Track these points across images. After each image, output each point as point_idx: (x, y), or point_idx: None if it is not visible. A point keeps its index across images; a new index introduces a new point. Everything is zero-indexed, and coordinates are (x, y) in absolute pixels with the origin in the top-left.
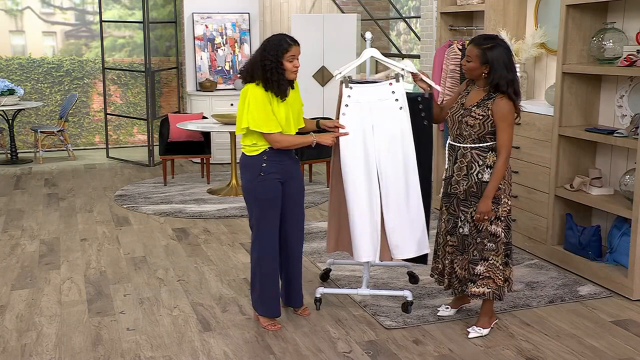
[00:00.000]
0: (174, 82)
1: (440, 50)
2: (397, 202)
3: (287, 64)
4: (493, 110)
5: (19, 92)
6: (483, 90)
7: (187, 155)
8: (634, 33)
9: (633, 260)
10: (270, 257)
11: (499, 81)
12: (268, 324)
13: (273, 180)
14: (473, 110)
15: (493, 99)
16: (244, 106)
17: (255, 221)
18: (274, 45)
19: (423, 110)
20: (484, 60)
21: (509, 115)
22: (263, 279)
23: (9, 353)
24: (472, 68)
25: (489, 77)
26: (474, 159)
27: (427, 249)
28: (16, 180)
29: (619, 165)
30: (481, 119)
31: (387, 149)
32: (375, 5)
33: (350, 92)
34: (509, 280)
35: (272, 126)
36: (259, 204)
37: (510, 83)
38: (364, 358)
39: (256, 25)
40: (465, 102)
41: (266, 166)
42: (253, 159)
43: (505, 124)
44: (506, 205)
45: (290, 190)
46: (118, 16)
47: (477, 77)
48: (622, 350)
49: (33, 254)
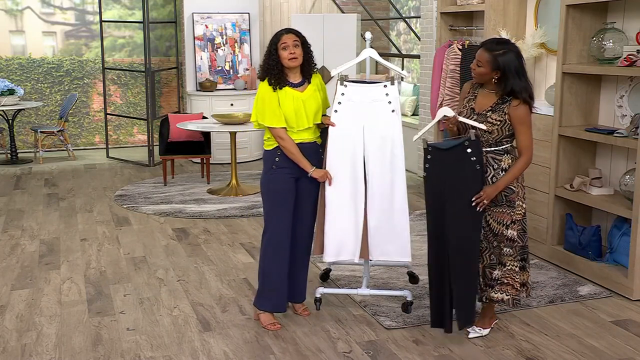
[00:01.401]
0: (174, 82)
1: (440, 50)
2: (381, 204)
3: (281, 52)
4: (511, 115)
5: (19, 92)
6: (495, 94)
7: (187, 155)
8: (634, 33)
9: (633, 260)
10: (277, 251)
11: (513, 87)
12: (268, 323)
13: (284, 175)
14: (489, 116)
15: (508, 102)
16: (255, 101)
17: (265, 214)
18: (272, 38)
19: (473, 154)
20: (495, 66)
21: (527, 118)
22: (268, 273)
23: (9, 353)
24: (483, 73)
25: (501, 83)
26: (489, 162)
27: (408, 257)
28: (16, 180)
29: (619, 165)
30: (499, 124)
31: (376, 150)
32: (375, 5)
33: (344, 89)
34: (526, 285)
35: (274, 120)
36: (269, 197)
37: (524, 89)
38: (364, 358)
39: (256, 25)
40: (475, 107)
41: (279, 160)
42: (268, 152)
43: (524, 127)
44: (521, 208)
45: (305, 187)
46: (118, 16)
47: (487, 81)
48: (622, 350)
49: (33, 254)
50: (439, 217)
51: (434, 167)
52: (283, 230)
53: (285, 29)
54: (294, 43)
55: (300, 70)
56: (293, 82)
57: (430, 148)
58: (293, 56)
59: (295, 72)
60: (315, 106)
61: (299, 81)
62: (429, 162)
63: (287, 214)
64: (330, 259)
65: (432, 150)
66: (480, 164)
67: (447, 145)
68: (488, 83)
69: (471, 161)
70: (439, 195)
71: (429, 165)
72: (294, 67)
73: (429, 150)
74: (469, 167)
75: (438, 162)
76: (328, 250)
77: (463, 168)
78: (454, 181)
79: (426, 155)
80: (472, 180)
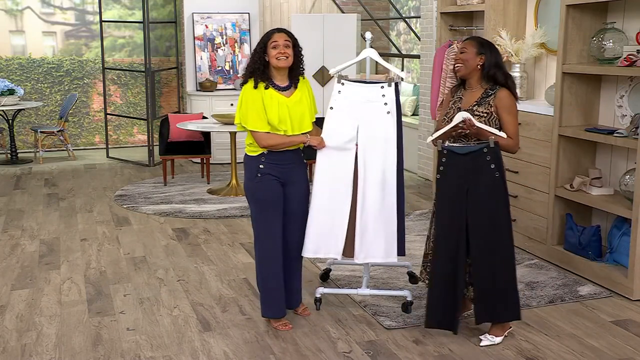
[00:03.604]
0: (174, 82)
1: (440, 50)
2: (372, 205)
3: (270, 50)
4: (497, 105)
5: (19, 92)
6: (479, 89)
7: (187, 155)
8: (634, 33)
9: (633, 260)
10: (269, 258)
11: (495, 71)
12: (278, 324)
13: (270, 182)
14: (475, 109)
15: (493, 94)
16: (238, 104)
17: (252, 222)
18: (263, 37)
19: (492, 161)
20: (480, 51)
21: (513, 106)
22: (264, 280)
23: (9, 353)
24: (467, 58)
25: (483, 69)
26: None
27: (394, 257)
28: (16, 180)
29: (619, 165)
30: (486, 116)
31: (369, 150)
32: (375, 5)
33: (341, 88)
34: None
35: (257, 124)
36: (255, 205)
37: (507, 75)
38: (364, 358)
39: (256, 25)
40: (462, 106)
41: (263, 168)
42: (251, 159)
43: (511, 116)
44: None
45: (291, 195)
46: (118, 16)
47: (472, 70)
48: (622, 350)
49: (33, 254)
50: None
51: (449, 171)
52: (274, 237)
53: (277, 28)
54: (285, 43)
55: (287, 73)
56: (279, 85)
57: (445, 151)
58: (283, 55)
59: (282, 74)
60: (301, 113)
61: (285, 85)
62: (444, 165)
63: (276, 221)
64: (308, 255)
65: (448, 153)
66: (500, 171)
67: (465, 150)
68: (473, 75)
69: (490, 169)
70: (454, 202)
71: (443, 167)
72: (282, 67)
73: (444, 152)
74: (487, 174)
75: (454, 166)
76: (307, 245)
77: (481, 175)
78: (474, 190)
79: (441, 158)
80: (492, 188)
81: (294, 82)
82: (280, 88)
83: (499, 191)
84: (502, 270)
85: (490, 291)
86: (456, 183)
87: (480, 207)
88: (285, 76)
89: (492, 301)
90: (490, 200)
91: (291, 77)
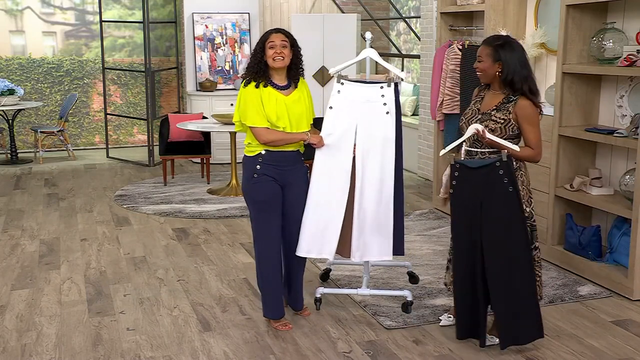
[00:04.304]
0: (174, 82)
1: (440, 50)
2: (370, 204)
3: (268, 50)
4: (517, 113)
5: (19, 92)
6: (501, 94)
7: (187, 155)
8: (634, 33)
9: (633, 260)
10: (268, 259)
11: (513, 77)
12: (278, 324)
13: (267, 183)
14: (493, 114)
15: (514, 101)
16: (237, 103)
17: (252, 222)
18: (261, 37)
19: (505, 175)
20: (497, 57)
21: (534, 115)
22: (264, 281)
23: (9, 353)
24: (485, 68)
25: (503, 75)
26: None
27: (389, 256)
28: (16, 180)
29: (619, 165)
30: (502, 122)
31: (367, 150)
32: (375, 5)
33: (340, 87)
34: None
35: (256, 120)
36: (253, 205)
37: (524, 80)
38: (364, 358)
39: (256, 25)
40: (481, 107)
41: (260, 168)
42: (249, 159)
43: (531, 126)
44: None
45: (290, 197)
46: (118, 16)
47: (492, 77)
48: (622, 350)
49: (33, 254)
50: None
51: (462, 185)
52: (272, 238)
53: (275, 28)
54: (282, 43)
55: (286, 73)
56: (277, 84)
57: (457, 165)
58: (279, 56)
59: (280, 73)
60: (299, 112)
61: (284, 84)
62: (456, 180)
63: (274, 222)
64: (302, 254)
65: (460, 168)
66: (514, 186)
67: (476, 163)
68: (493, 81)
69: (503, 183)
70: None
71: (456, 182)
72: (279, 67)
73: (456, 167)
74: (500, 189)
75: (466, 181)
76: (301, 244)
77: (494, 190)
78: (487, 205)
79: (453, 172)
80: (505, 203)
81: (293, 82)
82: (279, 87)
83: (513, 206)
84: (520, 291)
85: (510, 316)
86: (469, 197)
87: (494, 222)
88: (284, 76)
89: (513, 325)
90: (503, 215)
91: (290, 76)
